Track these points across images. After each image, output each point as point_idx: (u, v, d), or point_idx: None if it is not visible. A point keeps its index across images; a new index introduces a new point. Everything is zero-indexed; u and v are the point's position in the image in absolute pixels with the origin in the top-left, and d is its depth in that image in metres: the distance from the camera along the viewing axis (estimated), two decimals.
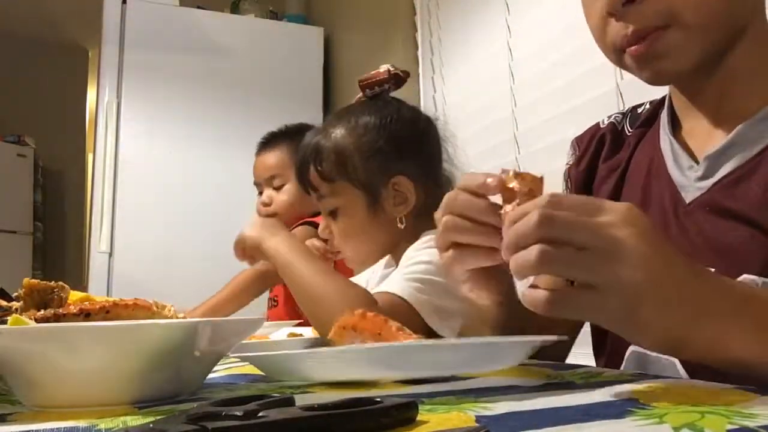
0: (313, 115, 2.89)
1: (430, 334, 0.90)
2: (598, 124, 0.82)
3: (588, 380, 0.50)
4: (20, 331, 0.46)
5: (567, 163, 0.84)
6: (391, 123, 1.05)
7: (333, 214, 1.06)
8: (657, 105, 0.76)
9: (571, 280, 0.42)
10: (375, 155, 1.03)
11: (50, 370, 0.45)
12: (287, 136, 1.72)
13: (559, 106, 1.52)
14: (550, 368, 0.59)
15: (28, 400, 0.48)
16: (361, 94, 1.09)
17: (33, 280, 0.57)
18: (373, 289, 0.97)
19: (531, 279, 0.43)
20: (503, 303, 0.58)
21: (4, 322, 0.49)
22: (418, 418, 0.36)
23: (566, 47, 1.51)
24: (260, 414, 0.33)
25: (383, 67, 1.06)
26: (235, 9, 3.13)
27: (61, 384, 0.46)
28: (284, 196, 1.71)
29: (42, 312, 0.51)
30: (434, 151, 1.10)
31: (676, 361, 0.60)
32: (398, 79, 1.06)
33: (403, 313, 0.88)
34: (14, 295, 0.60)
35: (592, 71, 1.41)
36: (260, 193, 1.81)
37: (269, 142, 1.76)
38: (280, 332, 1.08)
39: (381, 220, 1.03)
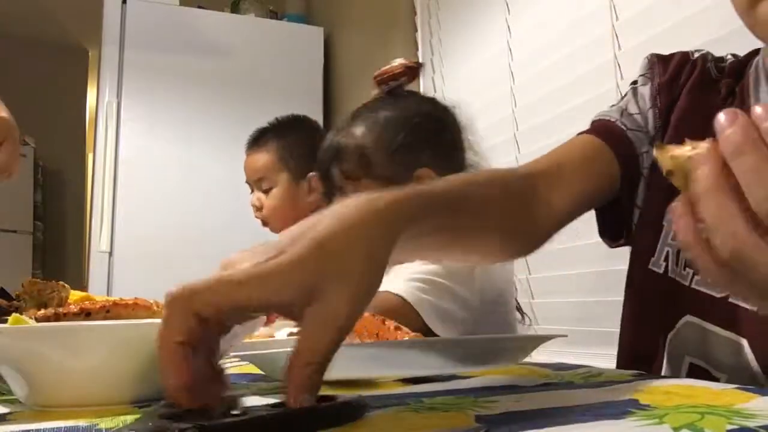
0: (314, 115, 2.89)
1: (429, 335, 0.90)
2: (685, 52, 0.74)
3: (588, 380, 0.50)
4: (20, 330, 0.46)
5: (638, 82, 0.74)
6: (410, 116, 1.05)
7: None
8: (744, 61, 0.69)
9: None
10: (397, 150, 1.02)
11: (50, 369, 0.45)
12: (276, 134, 1.66)
13: (559, 106, 1.52)
14: (550, 368, 0.59)
15: (28, 400, 0.48)
16: (376, 91, 1.08)
17: (33, 280, 0.57)
18: None
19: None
20: None
21: (5, 322, 0.49)
22: (419, 418, 0.36)
23: (566, 47, 1.51)
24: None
25: (397, 61, 1.06)
26: (235, 9, 3.13)
27: (61, 383, 0.46)
28: (273, 201, 1.64)
29: (42, 311, 0.51)
30: (455, 139, 1.09)
31: (745, 343, 0.56)
32: (413, 71, 1.06)
33: (402, 313, 0.87)
34: (15, 294, 0.60)
35: (592, 71, 1.42)
36: (252, 192, 1.77)
37: (257, 140, 1.70)
38: (281, 332, 1.08)
39: None
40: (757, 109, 0.28)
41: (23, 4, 4.00)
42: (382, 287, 0.99)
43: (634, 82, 0.75)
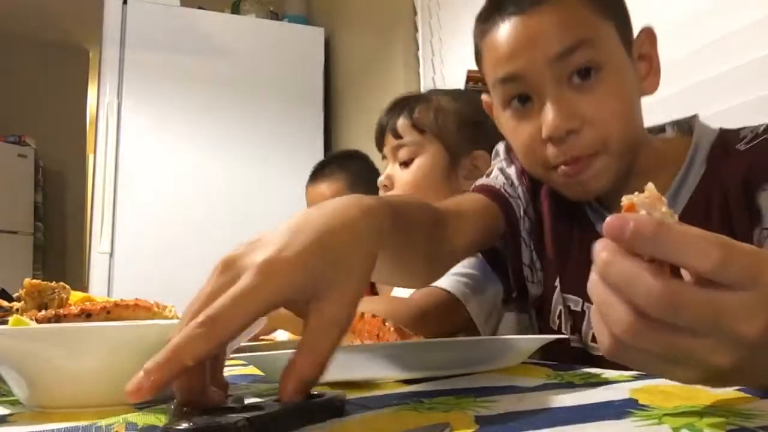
0: (314, 116, 2.90)
1: (473, 330, 0.91)
2: None
3: (587, 380, 0.50)
4: (21, 331, 0.46)
5: (503, 164, 0.88)
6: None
7: (406, 164, 1.10)
8: None
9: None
10: (470, 126, 1.09)
11: (51, 370, 0.45)
12: (339, 165, 1.68)
13: None
14: (549, 368, 0.59)
15: (28, 401, 0.48)
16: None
17: (34, 281, 0.57)
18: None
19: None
20: None
21: (5, 323, 0.49)
22: (419, 417, 0.36)
23: None
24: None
25: None
26: (235, 9, 3.13)
27: (61, 384, 0.46)
28: None
29: (43, 312, 0.51)
30: None
31: None
32: None
33: (449, 307, 0.88)
34: (15, 295, 0.60)
35: None
36: None
37: (322, 170, 1.70)
38: (280, 332, 1.09)
39: (449, 186, 1.09)
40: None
41: (23, 4, 4.00)
42: None
43: (502, 168, 0.89)
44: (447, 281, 0.92)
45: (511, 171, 0.87)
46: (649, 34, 0.78)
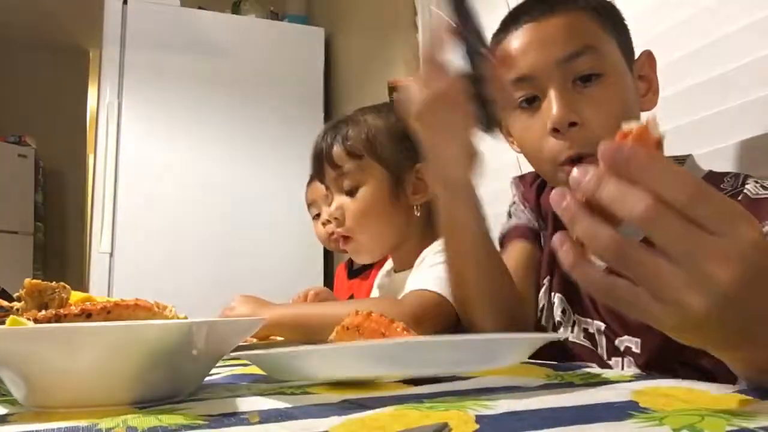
0: (314, 116, 2.90)
1: (460, 329, 0.91)
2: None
3: (588, 381, 0.50)
4: (20, 331, 0.46)
5: (514, 201, 0.99)
6: None
7: (351, 192, 1.07)
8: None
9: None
10: (404, 139, 1.05)
11: (50, 370, 0.45)
12: None
13: None
14: (550, 368, 0.59)
15: (27, 401, 0.48)
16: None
17: (34, 281, 0.57)
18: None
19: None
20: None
21: (4, 323, 0.49)
22: (418, 416, 0.36)
23: None
24: None
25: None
26: (236, 9, 3.13)
27: (60, 384, 0.46)
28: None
29: (43, 312, 0.51)
30: None
31: None
32: None
33: (439, 307, 0.88)
34: (15, 295, 0.60)
35: None
36: (315, 217, 1.77)
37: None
38: None
39: (399, 205, 1.07)
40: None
41: (24, 5, 4.00)
42: (409, 288, 1.01)
43: (513, 203, 0.99)
44: (436, 283, 0.92)
45: (517, 198, 0.97)
46: (649, 56, 0.83)
